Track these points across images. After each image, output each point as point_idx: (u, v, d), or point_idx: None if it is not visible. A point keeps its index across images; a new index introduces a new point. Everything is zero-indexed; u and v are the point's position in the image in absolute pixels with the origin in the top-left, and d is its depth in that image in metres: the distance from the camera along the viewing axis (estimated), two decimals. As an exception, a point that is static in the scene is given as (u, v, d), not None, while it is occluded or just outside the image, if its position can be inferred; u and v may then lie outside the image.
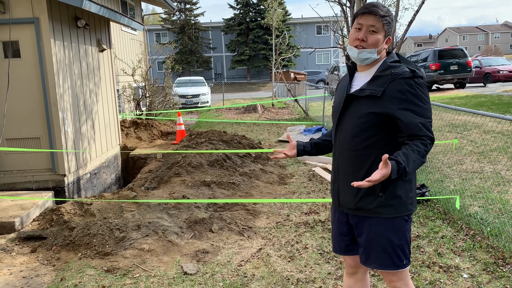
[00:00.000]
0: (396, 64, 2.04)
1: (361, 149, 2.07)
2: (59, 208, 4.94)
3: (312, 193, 5.77)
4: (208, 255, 3.94)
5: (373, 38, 2.03)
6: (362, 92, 2.05)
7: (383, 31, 2.05)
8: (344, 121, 2.13)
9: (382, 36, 2.05)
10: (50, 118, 5.79)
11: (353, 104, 2.09)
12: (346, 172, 2.13)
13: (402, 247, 2.09)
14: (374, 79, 2.05)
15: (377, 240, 2.09)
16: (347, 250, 2.30)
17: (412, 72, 2.00)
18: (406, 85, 1.97)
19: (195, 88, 20.13)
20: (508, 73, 20.99)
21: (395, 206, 2.07)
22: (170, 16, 44.89)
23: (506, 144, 7.57)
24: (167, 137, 10.84)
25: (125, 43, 13.69)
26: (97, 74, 7.49)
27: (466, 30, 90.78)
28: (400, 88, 1.97)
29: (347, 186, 2.13)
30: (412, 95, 1.97)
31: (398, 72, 1.99)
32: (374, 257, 2.11)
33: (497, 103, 13.25)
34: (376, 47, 2.04)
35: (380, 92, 1.99)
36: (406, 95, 1.96)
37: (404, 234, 2.10)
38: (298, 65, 43.83)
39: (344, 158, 2.13)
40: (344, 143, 2.12)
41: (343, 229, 2.27)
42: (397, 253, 2.09)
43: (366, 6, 2.06)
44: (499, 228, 4.11)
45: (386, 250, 2.08)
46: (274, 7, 22.28)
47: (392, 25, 2.08)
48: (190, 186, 5.82)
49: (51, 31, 5.67)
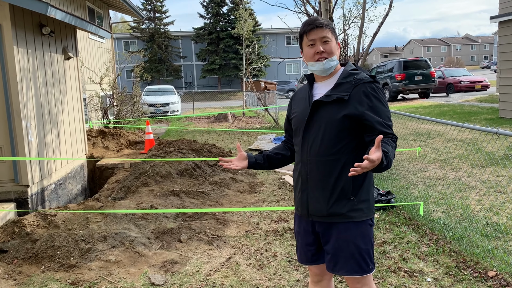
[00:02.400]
0: (357, 72, 2.18)
1: (331, 154, 2.10)
2: (21, 220, 4.76)
3: (281, 201, 5.81)
4: (177, 265, 3.90)
5: (329, 47, 2.15)
6: (329, 97, 2.11)
7: (333, 38, 2.19)
8: (312, 128, 2.15)
9: (334, 42, 2.19)
10: (12, 127, 5.61)
11: (320, 111, 2.13)
12: (317, 179, 2.13)
13: (368, 252, 2.14)
14: (337, 86, 2.14)
15: (345, 246, 2.11)
16: (313, 260, 2.29)
17: (372, 78, 2.15)
18: (370, 89, 2.10)
19: (164, 97, 19.95)
20: (469, 84, 21.86)
21: (364, 209, 2.13)
22: (139, 24, 44.48)
23: (466, 151, 7.86)
24: (135, 146, 10.66)
25: (92, 51, 13.45)
26: (63, 82, 7.32)
27: (430, 42, 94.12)
28: (364, 91, 2.09)
29: (318, 193, 2.14)
30: (376, 98, 2.10)
31: (360, 78, 2.13)
32: (341, 263, 2.12)
33: (459, 112, 13.76)
34: (334, 54, 2.17)
35: (347, 96, 2.09)
36: (371, 97, 2.09)
37: (369, 238, 2.16)
38: (269, 74, 44.19)
39: (314, 165, 2.13)
40: (313, 150, 2.13)
41: (309, 239, 2.27)
42: (364, 258, 2.12)
43: (309, 23, 2.17)
44: (461, 233, 4.25)
45: (354, 256, 2.10)
46: (244, 17, 22.45)
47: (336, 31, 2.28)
48: (158, 196, 5.75)
49: (14, 38, 5.52)
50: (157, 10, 45.37)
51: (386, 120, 2.09)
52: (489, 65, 62.52)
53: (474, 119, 11.89)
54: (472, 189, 5.76)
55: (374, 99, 2.09)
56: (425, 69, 20.03)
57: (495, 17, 12.18)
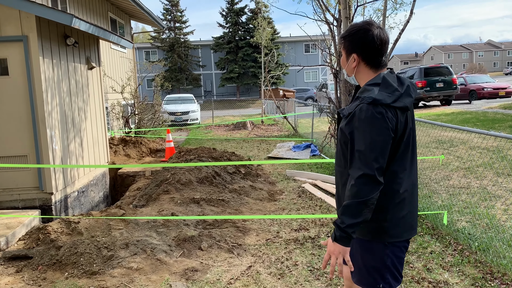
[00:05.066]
0: (370, 88, 1.99)
1: (339, 166, 2.15)
2: (46, 227, 4.86)
3: (301, 210, 5.77)
4: (197, 273, 3.90)
5: (341, 59, 2.15)
6: (343, 111, 2.11)
7: (343, 51, 2.12)
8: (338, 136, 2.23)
9: (344, 56, 2.12)
10: (37, 136, 5.75)
11: (339, 121, 2.18)
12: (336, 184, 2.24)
13: (379, 270, 2.06)
14: (353, 100, 2.11)
15: (354, 256, 2.11)
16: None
17: (373, 99, 1.92)
18: (359, 111, 1.93)
19: (184, 105, 20.16)
20: (492, 90, 21.41)
21: (365, 229, 2.05)
22: (160, 34, 45.19)
23: (491, 159, 7.68)
24: (156, 154, 10.78)
25: (114, 61, 13.72)
26: (86, 91, 7.48)
27: (451, 49, 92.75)
28: (354, 113, 1.96)
29: (336, 198, 2.23)
30: (360, 124, 1.92)
31: (363, 97, 1.96)
32: (355, 271, 2.15)
33: (482, 119, 13.48)
34: (344, 67, 2.14)
35: (346, 115, 2.02)
36: (356, 123, 1.94)
37: (381, 258, 2.05)
38: (287, 82, 44.22)
39: (335, 171, 2.24)
40: (335, 157, 2.23)
41: None
42: (372, 275, 2.07)
43: None
44: (487, 243, 4.14)
45: (361, 269, 2.11)
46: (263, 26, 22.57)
47: (356, 41, 2.04)
48: (179, 203, 5.79)
49: (40, 49, 5.67)
50: (177, 20, 46.04)
51: (354, 154, 1.93)
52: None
53: (498, 126, 11.62)
54: (497, 198, 5.62)
55: (358, 123, 1.93)
56: (446, 76, 19.72)
57: (519, 23, 11.92)
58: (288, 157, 9.73)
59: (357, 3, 8.02)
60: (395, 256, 2.06)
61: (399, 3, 8.43)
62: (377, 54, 2.04)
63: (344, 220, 1.88)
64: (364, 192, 1.86)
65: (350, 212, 1.87)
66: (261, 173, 7.92)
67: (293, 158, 9.61)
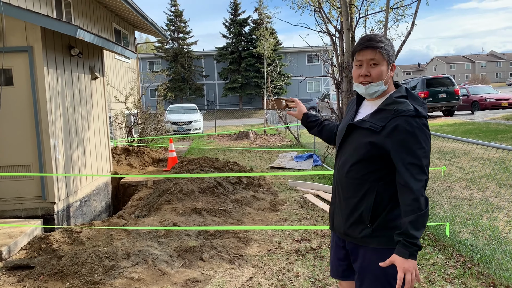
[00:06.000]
0: (401, 100, 2.00)
1: (356, 179, 2.08)
2: (48, 236, 4.87)
3: (303, 220, 5.76)
4: (199, 284, 3.90)
5: (376, 71, 2.03)
6: (363, 123, 2.06)
7: (384, 61, 2.04)
8: (345, 147, 2.16)
9: (384, 66, 2.04)
10: (41, 145, 5.78)
11: (354, 133, 2.11)
12: (342, 197, 2.16)
13: (395, 277, 2.03)
14: (377, 112, 2.04)
15: (371, 267, 2.07)
16: (344, 275, 2.30)
17: (416, 111, 1.95)
18: (406, 124, 1.92)
19: (187, 115, 20.24)
20: (495, 101, 21.40)
21: (384, 238, 2.05)
22: (164, 44, 45.50)
23: (493, 171, 7.67)
24: (158, 164, 10.80)
25: (118, 71, 13.82)
26: (90, 101, 7.53)
27: (454, 59, 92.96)
28: (399, 125, 1.93)
29: (340, 211, 2.17)
30: (409, 136, 1.92)
31: (401, 109, 1.96)
32: (367, 284, 2.10)
33: (485, 130, 13.46)
34: (381, 79, 2.04)
35: (380, 127, 1.98)
36: (403, 134, 1.92)
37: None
38: (290, 92, 44.33)
39: (341, 183, 2.17)
40: (342, 169, 2.15)
41: (340, 254, 2.28)
42: (390, 283, 2.05)
43: (361, 42, 2.06)
44: (489, 255, 4.12)
45: (379, 279, 2.06)
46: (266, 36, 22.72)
47: (392, 51, 2.07)
48: (181, 213, 5.79)
49: (44, 59, 5.73)
50: (180, 30, 46.38)
51: (413, 166, 1.90)
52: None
53: (501, 137, 11.61)
54: (500, 209, 5.60)
55: (407, 136, 1.91)
56: (449, 87, 19.75)
57: (521, 34, 11.96)
58: (290, 167, 9.73)
59: (359, 15, 8.09)
60: None
61: (401, 15, 8.49)
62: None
63: (415, 235, 1.88)
64: (425, 203, 1.91)
65: (417, 225, 1.89)
66: (263, 183, 7.92)
67: (295, 168, 9.61)
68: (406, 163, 1.92)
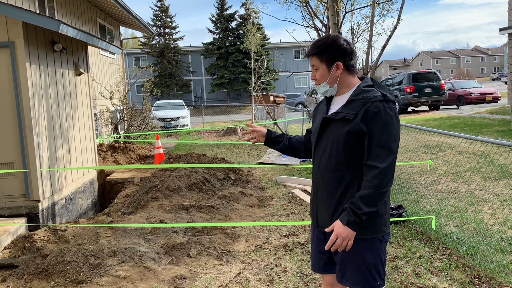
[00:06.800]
0: (369, 89, 2.12)
1: (337, 171, 2.14)
2: (32, 235, 4.79)
3: (291, 215, 5.77)
4: (186, 281, 3.87)
5: (318, 75, 2.20)
6: (337, 115, 2.14)
7: (323, 64, 2.16)
8: (322, 143, 2.22)
9: (324, 69, 2.17)
10: (24, 143, 5.67)
11: (329, 127, 2.18)
12: (324, 192, 2.20)
13: (376, 267, 2.13)
14: (348, 103, 2.14)
15: (352, 258, 2.13)
16: (325, 269, 2.34)
17: (383, 96, 2.06)
18: (374, 108, 2.03)
19: (174, 111, 20.09)
20: (479, 96, 21.68)
21: (369, 227, 2.11)
22: (150, 40, 45.09)
23: (478, 164, 7.76)
24: (145, 160, 10.71)
25: (103, 67, 13.64)
26: (74, 97, 7.41)
27: (439, 54, 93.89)
28: (369, 111, 2.03)
29: (325, 206, 2.21)
30: (379, 119, 2.02)
31: (370, 96, 2.07)
32: (349, 275, 2.15)
33: (470, 124, 13.63)
34: (324, 81, 2.18)
35: (352, 115, 2.07)
36: (373, 118, 2.02)
37: (378, 253, 2.14)
38: (277, 88, 44.34)
39: (322, 178, 2.21)
40: (322, 164, 2.20)
41: (321, 248, 2.31)
42: (371, 273, 2.12)
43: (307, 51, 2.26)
44: (474, 247, 4.17)
45: (361, 269, 2.12)
46: (253, 32, 22.65)
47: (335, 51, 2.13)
48: (168, 210, 5.74)
49: (26, 55, 5.61)
50: (167, 26, 46.00)
51: (380, 147, 2.00)
52: (499, 77, 62.01)
53: (485, 131, 11.76)
54: (485, 202, 5.67)
55: (376, 119, 2.02)
56: (434, 81, 19.95)
57: (504, 29, 12.13)
58: (278, 162, 9.73)
59: (345, 9, 8.09)
60: (385, 250, 2.19)
61: (387, 9, 8.52)
62: (352, 59, 2.18)
63: (362, 207, 1.98)
64: (384, 183, 1.98)
65: (368, 201, 1.98)
66: (251, 179, 7.91)
67: (283, 164, 9.61)
68: (374, 145, 2.02)
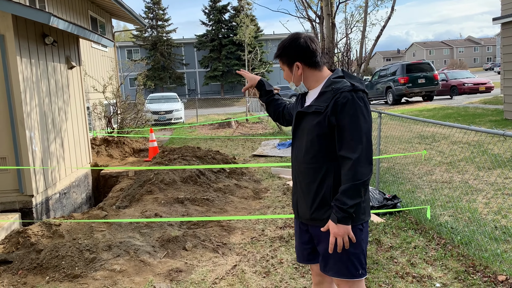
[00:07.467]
0: (338, 80, 2.13)
1: (313, 163, 2.16)
2: (26, 230, 4.75)
3: (286, 207, 5.77)
4: (182, 274, 3.86)
5: (284, 75, 2.31)
6: (310, 108, 2.17)
7: (285, 64, 2.25)
8: (297, 136, 2.26)
9: (287, 70, 2.26)
10: (16, 137, 5.61)
11: (304, 120, 2.21)
12: (302, 184, 2.23)
13: (357, 256, 2.15)
14: (320, 95, 2.16)
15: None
16: (309, 259, 2.37)
17: (352, 85, 2.06)
18: (344, 99, 2.03)
19: (168, 104, 19.98)
20: (472, 86, 21.75)
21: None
22: (142, 32, 44.72)
23: (472, 154, 7.80)
24: (139, 154, 10.66)
25: (95, 60, 13.51)
26: (66, 91, 7.34)
27: (433, 45, 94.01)
28: (337, 102, 2.04)
29: (304, 198, 2.23)
30: (346, 110, 2.02)
31: (339, 87, 2.08)
32: (331, 264, 2.18)
33: (464, 114, 13.68)
34: (290, 80, 2.26)
35: (324, 107, 2.09)
36: (341, 109, 2.03)
37: (359, 243, 2.15)
38: (271, 80, 44.24)
39: (300, 171, 2.24)
40: (299, 156, 2.23)
41: (304, 238, 2.34)
42: (352, 262, 2.14)
43: None
44: (469, 237, 4.19)
45: (342, 259, 2.14)
46: (246, 23, 22.51)
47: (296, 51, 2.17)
48: (163, 203, 5.72)
49: (17, 48, 5.53)
50: (159, 18, 45.62)
51: (350, 138, 2.01)
52: (492, 67, 62.19)
53: (479, 121, 11.82)
54: (479, 191, 5.70)
55: (346, 108, 2.02)
56: (428, 72, 19.98)
57: (497, 19, 12.14)
58: (273, 154, 9.72)
59: (339, 0, 8.05)
60: (366, 240, 2.21)
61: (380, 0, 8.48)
62: (314, 56, 2.19)
63: (346, 202, 1.99)
64: (360, 174, 1.99)
65: (350, 193, 2.00)
66: (246, 171, 7.90)
67: (278, 156, 9.61)
68: (344, 135, 2.03)
